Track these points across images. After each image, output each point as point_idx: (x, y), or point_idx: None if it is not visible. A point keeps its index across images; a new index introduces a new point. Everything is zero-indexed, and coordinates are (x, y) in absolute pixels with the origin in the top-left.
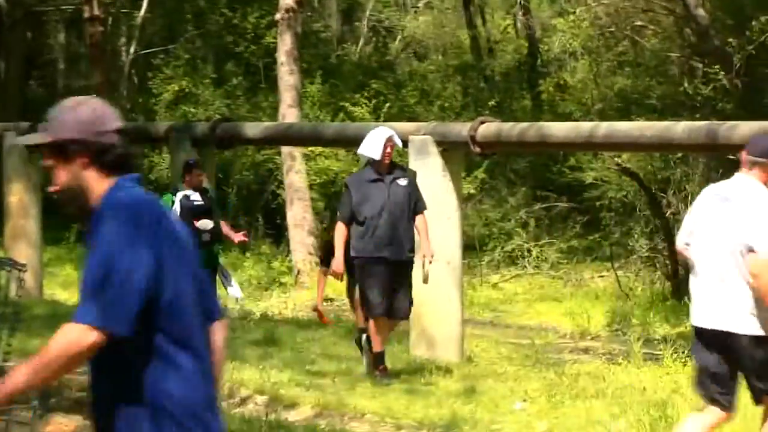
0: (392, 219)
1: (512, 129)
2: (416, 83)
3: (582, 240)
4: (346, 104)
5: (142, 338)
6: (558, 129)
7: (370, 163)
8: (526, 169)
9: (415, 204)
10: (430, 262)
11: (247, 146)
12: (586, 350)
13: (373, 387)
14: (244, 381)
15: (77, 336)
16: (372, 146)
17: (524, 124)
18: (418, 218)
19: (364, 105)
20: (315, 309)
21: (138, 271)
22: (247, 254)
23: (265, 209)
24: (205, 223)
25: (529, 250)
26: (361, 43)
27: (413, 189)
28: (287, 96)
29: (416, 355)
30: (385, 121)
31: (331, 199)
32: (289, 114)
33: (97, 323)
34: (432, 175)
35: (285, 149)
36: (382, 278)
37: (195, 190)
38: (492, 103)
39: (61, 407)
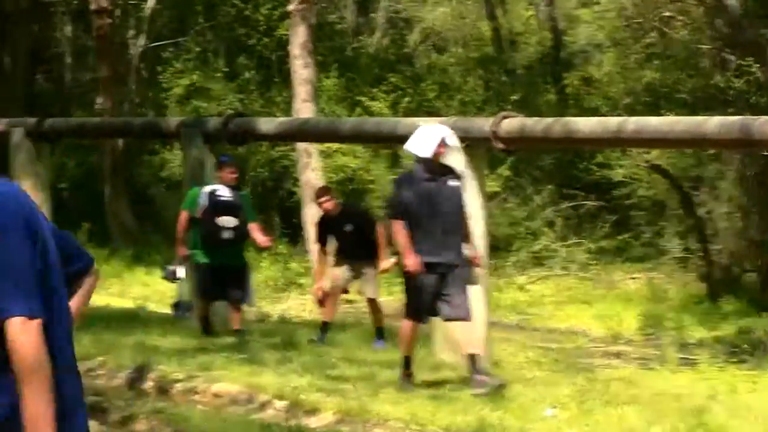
0: (445, 221)
1: (536, 124)
2: (436, 77)
3: (611, 240)
4: (364, 99)
5: None
6: (584, 124)
7: (421, 161)
8: (551, 166)
9: (465, 207)
10: (479, 263)
11: (261, 142)
12: (617, 354)
13: (397, 392)
14: (263, 386)
15: (34, 329)
16: (423, 144)
17: (549, 120)
18: (468, 225)
19: (381, 99)
20: (318, 294)
21: (30, 254)
22: (264, 254)
23: (281, 208)
24: (227, 220)
25: (556, 251)
26: (378, 34)
27: (463, 191)
28: (302, 90)
29: (441, 359)
30: (404, 116)
31: (348, 197)
32: (304, 109)
33: (31, 312)
34: None
35: (300, 146)
36: (431, 283)
37: (227, 186)
38: (515, 97)
39: None
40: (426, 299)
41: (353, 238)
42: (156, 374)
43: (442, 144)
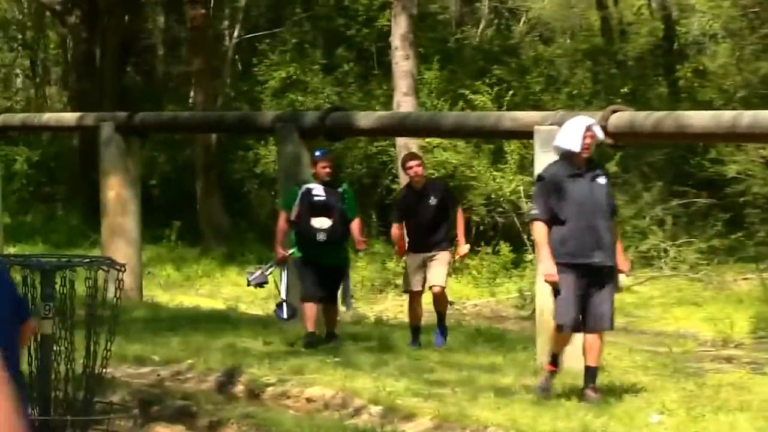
0: (594, 221)
1: (647, 118)
2: (542, 69)
3: (724, 239)
4: (466, 92)
5: None
6: (697, 118)
7: (566, 156)
8: (662, 162)
9: (613, 206)
10: (626, 270)
11: (360, 137)
12: (728, 359)
13: (496, 397)
14: (358, 390)
15: None
16: (569, 137)
17: (660, 113)
18: (613, 223)
19: (485, 93)
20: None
21: None
22: (360, 254)
23: (379, 205)
24: (321, 221)
25: (665, 250)
26: (482, 25)
27: (611, 189)
28: (402, 83)
29: (544, 363)
30: (508, 109)
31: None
32: (404, 102)
33: None
34: None
35: (400, 141)
36: (578, 287)
37: (323, 183)
38: (624, 90)
39: (162, 416)
40: (569, 305)
41: (435, 215)
42: (246, 378)
43: (589, 135)
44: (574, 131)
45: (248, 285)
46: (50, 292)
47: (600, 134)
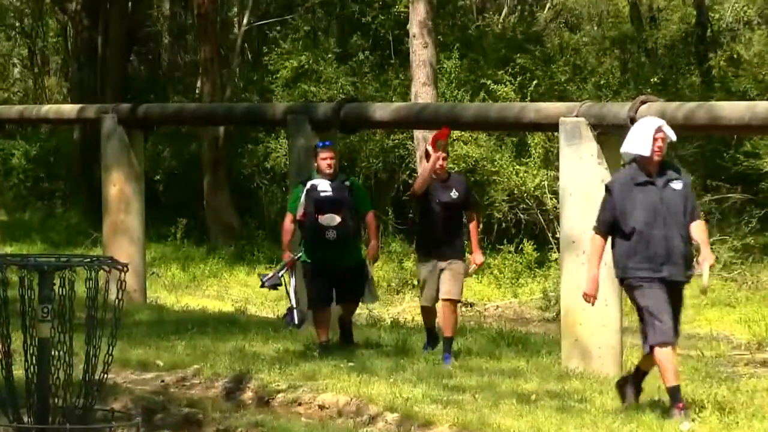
0: (667, 231)
1: (678, 109)
2: (568, 57)
3: (759, 237)
4: (488, 82)
5: None
6: (731, 109)
7: (636, 161)
8: (694, 155)
9: (692, 210)
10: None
11: (375, 130)
12: (764, 363)
13: (519, 404)
14: (373, 396)
15: None
16: (638, 140)
17: (692, 104)
18: (697, 225)
19: (507, 83)
20: None
21: None
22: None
23: (395, 201)
24: (329, 219)
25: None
26: (504, 12)
27: (690, 193)
28: (420, 73)
29: (568, 367)
30: (532, 100)
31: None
32: (422, 93)
33: None
34: (586, 163)
35: (418, 133)
36: (665, 299)
37: (328, 178)
38: (655, 79)
39: (167, 424)
40: (665, 317)
41: (453, 213)
42: (256, 384)
43: (660, 137)
44: (643, 134)
45: (261, 287)
46: (48, 294)
47: (671, 135)
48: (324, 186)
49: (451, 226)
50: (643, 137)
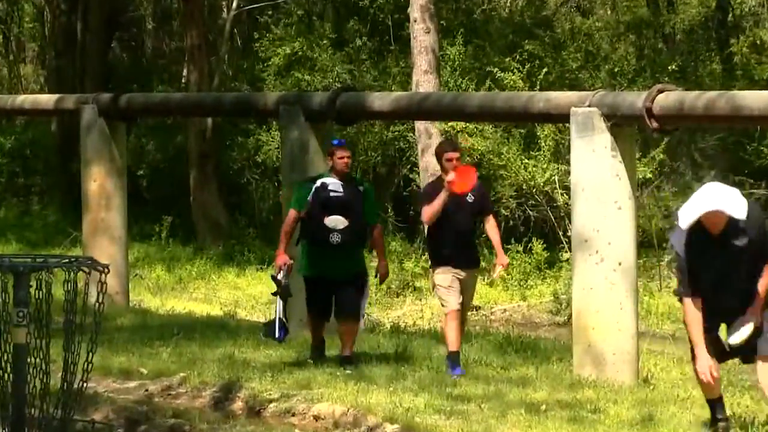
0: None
1: (697, 99)
2: (579, 43)
3: None
4: (494, 70)
5: None
6: (754, 99)
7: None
8: (715, 148)
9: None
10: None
11: (374, 121)
12: None
13: (527, 415)
14: (372, 406)
15: None
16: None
17: (712, 93)
18: None
19: (515, 70)
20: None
21: None
22: (373, 252)
23: (395, 197)
24: (335, 221)
25: None
26: None
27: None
28: (422, 60)
29: (581, 375)
30: (541, 89)
31: None
32: (424, 82)
33: None
34: (598, 157)
35: (419, 125)
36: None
37: (341, 178)
38: (673, 67)
39: None
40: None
41: (470, 218)
42: (246, 393)
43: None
44: (692, 209)
45: (274, 294)
46: (24, 297)
47: (733, 213)
48: (336, 186)
49: (468, 232)
50: (690, 211)
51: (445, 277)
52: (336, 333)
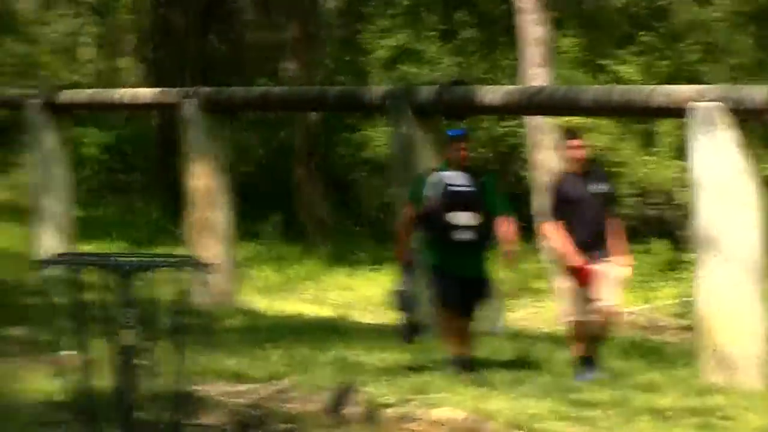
0: None
1: None
2: (699, 35)
3: None
4: (609, 62)
5: None
6: None
7: None
8: None
9: None
10: None
11: (484, 116)
12: None
13: (654, 421)
14: (492, 413)
15: None
16: None
17: None
18: None
19: (632, 63)
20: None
21: None
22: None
23: (510, 196)
24: (463, 217)
25: None
26: None
27: None
28: (533, 53)
29: (708, 380)
30: (659, 83)
31: None
32: (536, 75)
33: None
34: (721, 154)
35: (531, 120)
36: None
37: (460, 170)
38: None
39: None
40: None
41: (598, 209)
42: (361, 397)
43: None
44: None
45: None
46: (130, 298)
47: None
48: (459, 179)
49: (600, 223)
50: None
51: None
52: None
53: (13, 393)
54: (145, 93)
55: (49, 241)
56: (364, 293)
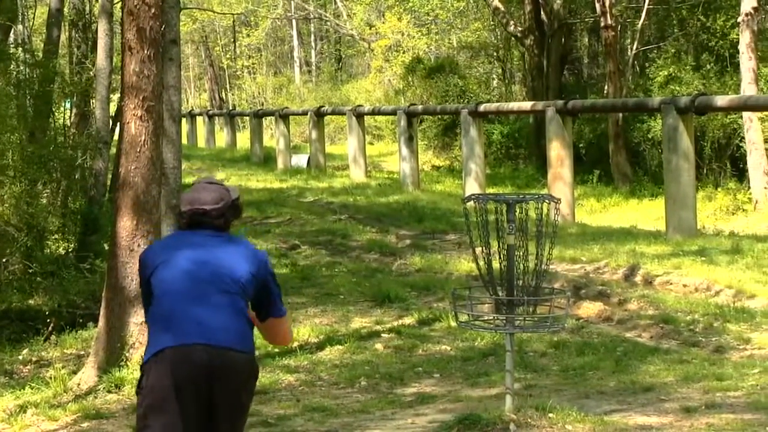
0: None
1: None
2: None
3: None
4: None
5: None
6: None
7: None
8: None
9: None
10: None
11: (717, 113)
12: None
13: None
14: (717, 278)
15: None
16: None
17: None
18: None
19: None
20: None
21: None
22: (718, 189)
23: (732, 158)
24: None
25: None
26: None
27: None
28: (747, 76)
29: None
30: None
31: None
32: (748, 89)
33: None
34: None
35: (745, 114)
36: None
37: None
38: None
39: (587, 296)
40: None
41: None
42: (643, 271)
43: None
44: None
45: None
46: (512, 217)
47: None
48: None
49: None
50: None
51: None
52: None
53: (449, 270)
54: (526, 105)
55: (471, 187)
56: (647, 213)
